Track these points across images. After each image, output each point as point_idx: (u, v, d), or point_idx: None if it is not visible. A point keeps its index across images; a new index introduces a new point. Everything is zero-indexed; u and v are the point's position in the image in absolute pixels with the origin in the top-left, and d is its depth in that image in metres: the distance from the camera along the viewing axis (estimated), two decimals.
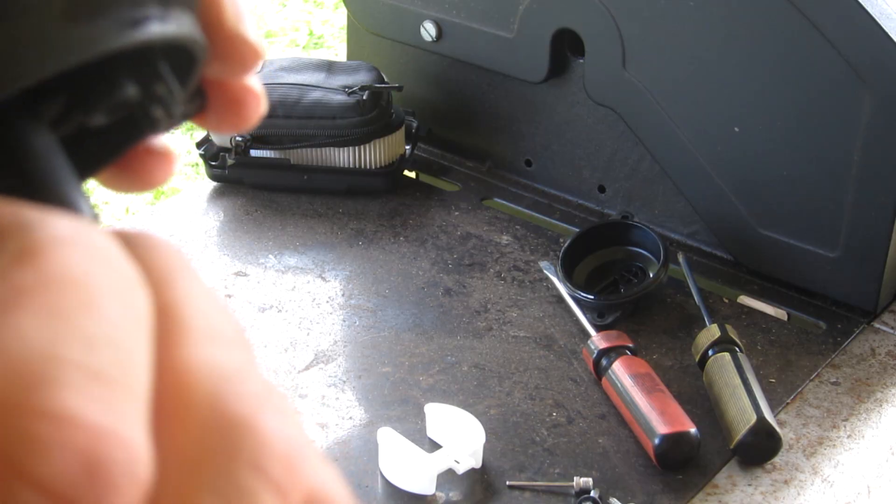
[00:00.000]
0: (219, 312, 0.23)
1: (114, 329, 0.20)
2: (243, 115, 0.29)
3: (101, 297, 0.20)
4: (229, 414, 0.21)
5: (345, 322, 1.15)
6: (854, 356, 1.11)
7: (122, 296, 0.21)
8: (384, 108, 1.34)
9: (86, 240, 0.21)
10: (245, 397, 0.21)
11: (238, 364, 0.22)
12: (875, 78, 1.06)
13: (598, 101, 1.28)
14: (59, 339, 0.19)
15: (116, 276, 0.21)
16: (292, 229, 1.30)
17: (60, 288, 0.20)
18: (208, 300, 0.23)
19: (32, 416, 0.18)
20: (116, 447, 0.19)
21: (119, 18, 0.25)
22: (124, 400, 0.19)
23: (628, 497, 0.93)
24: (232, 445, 0.21)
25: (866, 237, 1.12)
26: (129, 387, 0.20)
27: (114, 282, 0.21)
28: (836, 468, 0.97)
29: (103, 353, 0.20)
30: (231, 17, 0.28)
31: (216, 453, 0.20)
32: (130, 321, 0.21)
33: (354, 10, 1.46)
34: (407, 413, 1.02)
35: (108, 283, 0.21)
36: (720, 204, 1.22)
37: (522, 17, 1.30)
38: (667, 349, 1.11)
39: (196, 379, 0.21)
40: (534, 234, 1.30)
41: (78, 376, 0.19)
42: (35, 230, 0.21)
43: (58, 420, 0.18)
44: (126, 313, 0.20)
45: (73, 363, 0.19)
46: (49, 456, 0.18)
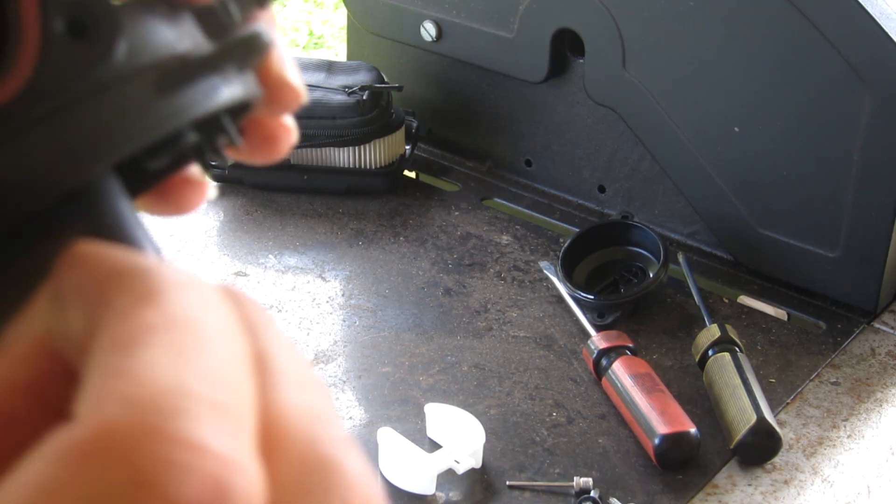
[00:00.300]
0: (302, 361, 0.25)
1: (228, 367, 0.23)
2: (276, 149, 0.32)
3: (215, 338, 0.23)
4: (324, 454, 0.23)
5: (345, 322, 1.15)
6: (854, 356, 1.11)
7: (230, 338, 0.23)
8: (384, 108, 1.34)
9: (198, 286, 0.24)
10: (335, 440, 0.23)
11: (326, 409, 0.24)
12: (875, 78, 1.06)
13: (598, 101, 1.28)
14: (186, 373, 0.22)
15: (225, 321, 0.24)
16: (292, 229, 1.30)
17: (182, 328, 0.22)
18: (292, 350, 0.25)
19: (170, 442, 0.20)
20: (240, 474, 0.21)
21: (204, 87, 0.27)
22: (243, 432, 0.22)
23: (628, 497, 0.93)
24: (327, 484, 0.23)
25: (866, 237, 1.12)
26: (244, 420, 0.22)
27: (223, 325, 0.23)
28: (836, 468, 0.97)
29: (223, 389, 0.22)
30: (277, 65, 0.31)
31: (313, 490, 0.23)
32: (239, 362, 0.23)
33: (354, 10, 1.46)
34: (407, 413, 1.02)
35: (219, 327, 0.23)
36: (720, 204, 1.22)
37: (522, 17, 1.30)
38: (667, 349, 1.11)
39: (293, 419, 0.23)
40: (534, 234, 1.30)
41: (206, 409, 0.21)
42: (154, 275, 0.23)
43: (192, 447, 0.21)
44: (235, 354, 0.23)
45: (200, 396, 0.21)
46: (185, 479, 0.20)
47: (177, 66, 0.27)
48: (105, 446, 0.20)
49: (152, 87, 0.26)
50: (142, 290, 0.23)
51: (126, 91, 0.26)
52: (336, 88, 1.33)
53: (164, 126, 0.26)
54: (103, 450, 0.20)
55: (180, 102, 0.27)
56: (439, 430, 0.99)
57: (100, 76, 0.26)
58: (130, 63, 0.26)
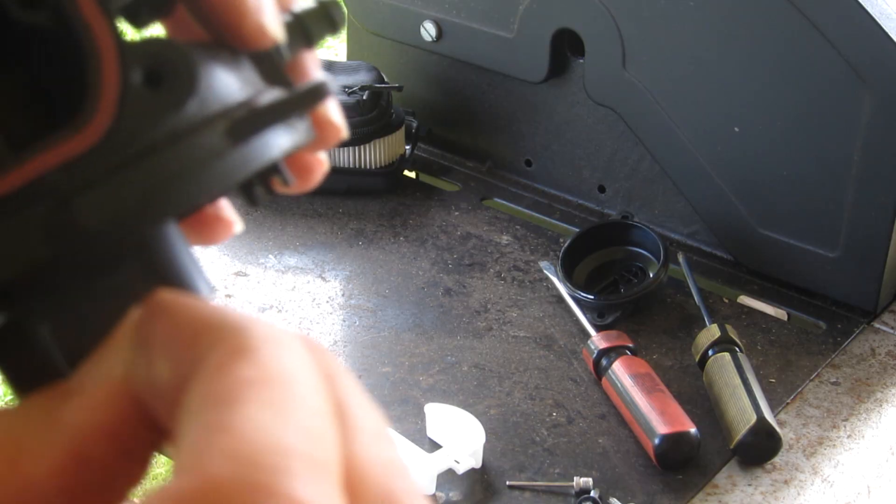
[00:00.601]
0: (374, 411, 0.26)
1: (318, 422, 0.24)
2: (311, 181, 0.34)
3: (307, 393, 0.24)
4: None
5: (345, 322, 1.15)
6: (854, 356, 1.11)
7: (318, 392, 0.24)
8: (384, 108, 1.34)
9: (287, 341, 0.25)
10: (409, 493, 0.25)
11: (399, 460, 0.25)
12: (875, 78, 1.06)
13: (598, 101, 1.28)
14: (283, 430, 0.23)
15: (312, 375, 0.25)
16: (292, 229, 1.30)
17: (276, 383, 0.24)
18: (366, 401, 0.26)
19: (272, 497, 0.21)
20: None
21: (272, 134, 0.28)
22: (333, 485, 0.23)
23: (628, 497, 0.93)
24: None
25: (866, 237, 1.12)
26: (334, 473, 0.23)
27: (312, 380, 0.24)
28: (836, 468, 0.97)
29: (316, 444, 0.23)
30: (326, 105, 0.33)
31: None
32: (326, 415, 0.24)
33: (354, 10, 1.46)
34: (407, 413, 1.02)
35: (309, 381, 0.24)
36: (720, 204, 1.22)
37: (522, 17, 1.30)
38: (667, 349, 1.11)
39: (372, 470, 0.24)
40: (534, 234, 1.30)
41: (302, 465, 0.22)
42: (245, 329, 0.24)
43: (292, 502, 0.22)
44: (323, 408, 0.24)
45: (297, 453, 0.22)
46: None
47: (246, 114, 0.27)
48: (212, 500, 0.21)
49: (224, 136, 0.27)
50: (235, 346, 0.24)
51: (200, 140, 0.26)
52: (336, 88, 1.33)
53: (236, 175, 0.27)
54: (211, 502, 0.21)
55: (251, 151, 0.27)
56: (439, 430, 0.99)
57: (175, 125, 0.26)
58: (202, 112, 0.27)
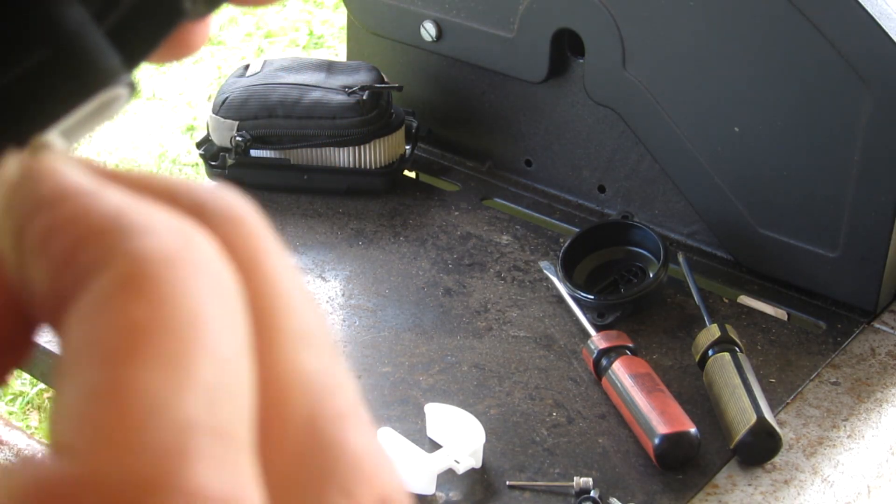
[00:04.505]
0: (304, 301, 0.22)
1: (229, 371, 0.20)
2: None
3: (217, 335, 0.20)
4: (324, 436, 0.21)
5: (345, 322, 1.15)
6: (854, 356, 1.11)
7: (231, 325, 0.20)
8: (384, 108, 1.34)
9: (194, 256, 0.20)
10: (338, 416, 0.21)
11: (329, 372, 0.22)
12: (875, 78, 1.06)
13: (598, 101, 1.28)
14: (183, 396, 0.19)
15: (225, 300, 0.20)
16: (292, 229, 1.30)
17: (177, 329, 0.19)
18: (293, 286, 0.22)
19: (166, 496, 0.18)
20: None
21: None
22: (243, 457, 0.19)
23: (628, 497, 0.93)
24: (326, 470, 0.21)
25: (866, 237, 1.12)
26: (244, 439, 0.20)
27: (224, 310, 0.20)
28: (836, 468, 0.97)
29: (224, 407, 0.19)
30: None
31: (310, 478, 0.21)
32: (240, 353, 0.20)
33: (354, 10, 1.46)
34: (407, 413, 1.02)
35: (220, 314, 0.20)
36: (720, 204, 1.22)
37: (522, 17, 1.30)
38: (667, 349, 1.11)
39: (292, 396, 0.21)
40: (534, 234, 1.30)
41: (205, 442, 0.19)
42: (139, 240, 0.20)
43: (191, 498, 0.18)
44: (237, 345, 0.20)
45: (199, 427, 0.19)
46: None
47: None
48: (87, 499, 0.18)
49: None
50: (128, 270, 0.19)
51: None
52: (336, 88, 1.33)
53: None
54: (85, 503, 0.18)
55: None
56: (439, 430, 0.99)
57: None
58: None
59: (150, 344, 0.19)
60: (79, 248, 0.20)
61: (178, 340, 0.19)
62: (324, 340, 0.22)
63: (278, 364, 0.21)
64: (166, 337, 0.19)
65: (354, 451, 0.21)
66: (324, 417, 0.21)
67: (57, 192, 0.21)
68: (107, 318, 0.19)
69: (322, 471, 0.21)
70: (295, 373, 0.21)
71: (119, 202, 0.20)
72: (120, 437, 0.18)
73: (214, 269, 0.20)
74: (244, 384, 0.20)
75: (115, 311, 0.19)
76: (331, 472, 0.21)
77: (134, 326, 0.19)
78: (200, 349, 0.19)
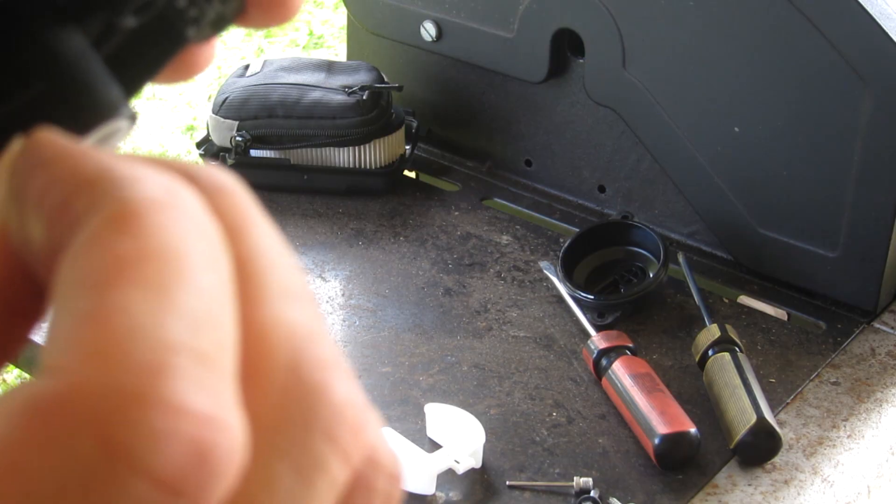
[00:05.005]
0: (287, 263, 0.23)
1: (211, 302, 0.20)
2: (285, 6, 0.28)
3: (198, 268, 0.20)
4: (306, 381, 0.21)
5: (345, 322, 1.15)
6: (854, 356, 1.11)
7: (214, 263, 0.21)
8: (384, 108, 1.34)
9: (177, 202, 0.21)
10: (320, 363, 0.21)
11: (311, 324, 0.22)
12: (875, 78, 1.06)
13: (598, 101, 1.28)
14: (163, 318, 0.19)
15: (207, 242, 0.21)
16: (292, 229, 1.30)
17: (160, 260, 0.20)
18: (277, 250, 0.23)
19: (147, 406, 0.19)
20: (222, 434, 0.19)
21: None
22: (223, 380, 0.20)
23: (628, 497, 0.93)
24: (308, 415, 0.21)
25: (866, 237, 1.12)
26: (225, 364, 0.20)
27: (206, 248, 0.21)
28: (836, 468, 0.97)
29: (204, 332, 0.20)
30: None
31: (293, 422, 0.21)
32: (222, 290, 0.21)
33: (354, 10, 1.46)
34: (407, 413, 1.02)
35: (202, 251, 0.21)
36: (720, 204, 1.22)
37: (522, 17, 1.30)
38: (667, 349, 1.11)
39: (275, 342, 0.21)
40: (534, 234, 1.30)
41: (185, 361, 0.19)
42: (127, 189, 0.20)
43: (171, 411, 0.19)
44: (218, 282, 0.21)
45: (179, 346, 0.19)
46: (162, 448, 0.18)
47: None
48: (75, 410, 0.18)
49: None
50: (115, 211, 0.20)
51: None
52: (336, 88, 1.33)
53: None
54: (73, 414, 0.18)
55: None
56: (439, 430, 0.99)
57: None
58: None
59: (135, 272, 0.20)
60: (71, 198, 0.21)
61: (163, 269, 0.20)
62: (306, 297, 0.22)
63: (261, 312, 0.21)
64: (151, 266, 0.20)
65: (339, 400, 0.21)
66: (308, 363, 0.21)
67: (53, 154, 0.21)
68: (95, 252, 0.20)
69: (306, 415, 0.21)
70: (278, 320, 0.21)
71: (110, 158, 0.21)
72: (104, 354, 0.19)
73: (198, 216, 0.21)
74: (227, 318, 0.20)
75: (103, 247, 0.20)
76: (314, 417, 0.21)
77: (120, 258, 0.20)
78: (184, 278, 0.20)
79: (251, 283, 0.22)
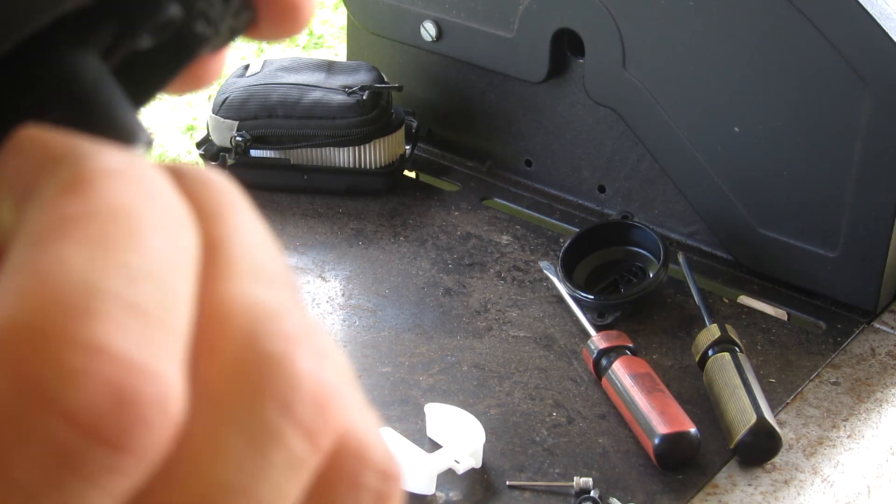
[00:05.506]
0: (265, 250, 0.22)
1: (157, 263, 0.20)
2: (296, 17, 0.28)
3: (147, 230, 0.20)
4: (263, 351, 0.20)
5: (345, 322, 1.15)
6: (854, 356, 1.11)
7: (168, 230, 0.20)
8: (384, 108, 1.34)
9: (136, 172, 0.21)
10: (281, 336, 0.21)
11: (278, 302, 0.21)
12: (875, 78, 1.06)
13: (598, 101, 1.28)
14: (99, 269, 0.19)
15: (164, 210, 0.21)
16: (292, 229, 1.30)
17: (106, 219, 0.20)
18: (256, 237, 0.22)
19: (65, 345, 0.18)
20: (148, 382, 0.19)
21: None
22: (161, 335, 0.19)
23: (628, 497, 0.93)
24: (262, 383, 0.20)
25: (866, 237, 1.12)
26: (166, 322, 0.19)
27: (161, 215, 0.20)
28: (836, 468, 0.97)
29: (144, 287, 0.19)
30: None
31: (245, 390, 0.20)
32: (174, 256, 0.20)
33: (354, 10, 1.46)
34: (407, 413, 1.02)
35: (155, 217, 0.20)
36: (720, 204, 1.22)
37: (522, 17, 1.30)
38: (667, 349, 1.11)
39: (233, 315, 0.21)
40: (534, 234, 1.30)
41: (115, 308, 0.19)
42: (86, 160, 0.20)
43: (91, 351, 0.18)
44: (171, 248, 0.20)
45: (111, 294, 0.19)
46: (78, 386, 0.18)
47: None
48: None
49: None
50: (70, 178, 0.20)
51: None
52: (336, 88, 1.33)
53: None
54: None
55: None
56: (439, 430, 0.99)
57: None
58: None
59: (77, 229, 0.19)
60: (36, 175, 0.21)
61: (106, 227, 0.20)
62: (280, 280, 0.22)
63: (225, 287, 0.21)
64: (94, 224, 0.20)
65: (299, 371, 0.21)
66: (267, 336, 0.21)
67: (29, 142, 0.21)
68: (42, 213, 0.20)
69: (259, 383, 0.20)
70: (241, 296, 0.21)
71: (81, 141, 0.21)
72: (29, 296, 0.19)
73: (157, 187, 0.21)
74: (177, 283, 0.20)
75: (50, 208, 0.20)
76: (267, 386, 0.20)
77: (64, 216, 0.20)
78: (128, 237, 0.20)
79: (220, 261, 0.21)
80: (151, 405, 0.19)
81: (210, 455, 0.20)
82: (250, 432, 0.20)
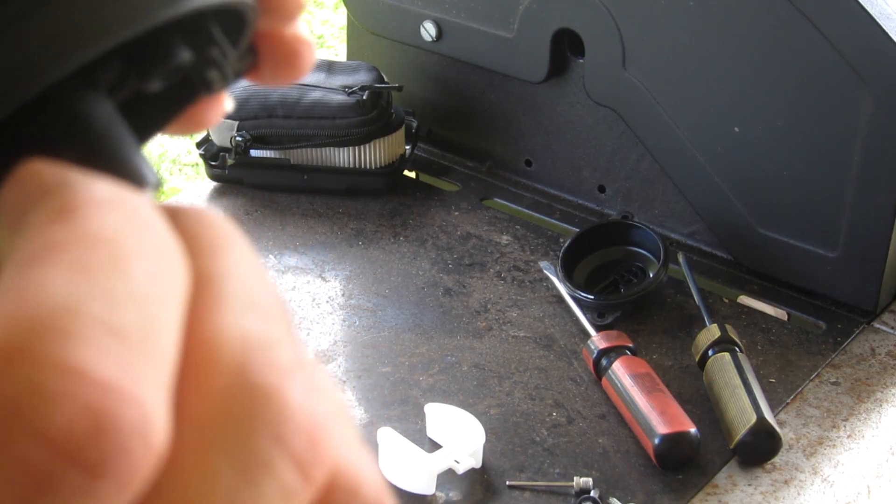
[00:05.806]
0: (260, 283, 0.22)
1: (140, 289, 0.20)
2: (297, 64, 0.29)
3: (131, 258, 0.20)
4: (254, 383, 0.20)
5: (345, 322, 1.15)
6: (854, 356, 1.11)
7: (153, 259, 0.20)
8: (384, 108, 1.34)
9: (124, 203, 0.21)
10: (273, 367, 0.21)
11: (270, 335, 0.21)
12: (875, 78, 1.06)
13: (598, 101, 1.28)
14: (81, 293, 0.19)
15: (151, 241, 0.21)
16: (292, 229, 1.30)
17: (90, 245, 0.20)
18: (251, 271, 0.22)
19: (43, 366, 0.18)
20: (128, 406, 0.18)
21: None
22: (142, 360, 0.19)
23: (628, 497, 0.93)
24: (253, 414, 0.20)
25: (866, 237, 1.12)
26: (148, 348, 0.19)
27: (148, 245, 0.20)
28: (836, 468, 0.97)
29: (126, 313, 0.19)
30: None
31: (237, 420, 0.20)
32: (159, 284, 0.20)
33: (354, 10, 1.46)
34: (407, 413, 1.02)
35: (141, 246, 0.20)
36: (720, 204, 1.22)
37: (522, 17, 1.30)
38: (667, 349, 1.11)
39: (225, 345, 0.21)
40: (534, 234, 1.30)
41: (96, 332, 0.19)
42: (75, 190, 0.21)
43: (69, 373, 0.18)
44: (155, 276, 0.20)
45: (92, 318, 0.19)
46: (55, 408, 0.18)
47: None
48: None
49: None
50: (58, 206, 0.20)
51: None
52: (336, 88, 1.33)
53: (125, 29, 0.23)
54: None
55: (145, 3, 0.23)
56: (439, 430, 0.99)
57: None
58: None
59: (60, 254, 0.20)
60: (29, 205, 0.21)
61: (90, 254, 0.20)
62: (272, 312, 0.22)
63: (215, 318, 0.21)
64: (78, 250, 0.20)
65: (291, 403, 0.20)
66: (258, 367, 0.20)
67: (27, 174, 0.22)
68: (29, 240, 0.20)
69: (251, 414, 0.20)
70: (232, 326, 0.21)
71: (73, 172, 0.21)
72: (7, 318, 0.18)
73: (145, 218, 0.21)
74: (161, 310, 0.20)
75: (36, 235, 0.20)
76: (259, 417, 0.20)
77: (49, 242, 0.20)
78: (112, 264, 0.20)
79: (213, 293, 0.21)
80: (131, 430, 0.18)
81: (200, 483, 0.20)
82: (241, 462, 0.20)
